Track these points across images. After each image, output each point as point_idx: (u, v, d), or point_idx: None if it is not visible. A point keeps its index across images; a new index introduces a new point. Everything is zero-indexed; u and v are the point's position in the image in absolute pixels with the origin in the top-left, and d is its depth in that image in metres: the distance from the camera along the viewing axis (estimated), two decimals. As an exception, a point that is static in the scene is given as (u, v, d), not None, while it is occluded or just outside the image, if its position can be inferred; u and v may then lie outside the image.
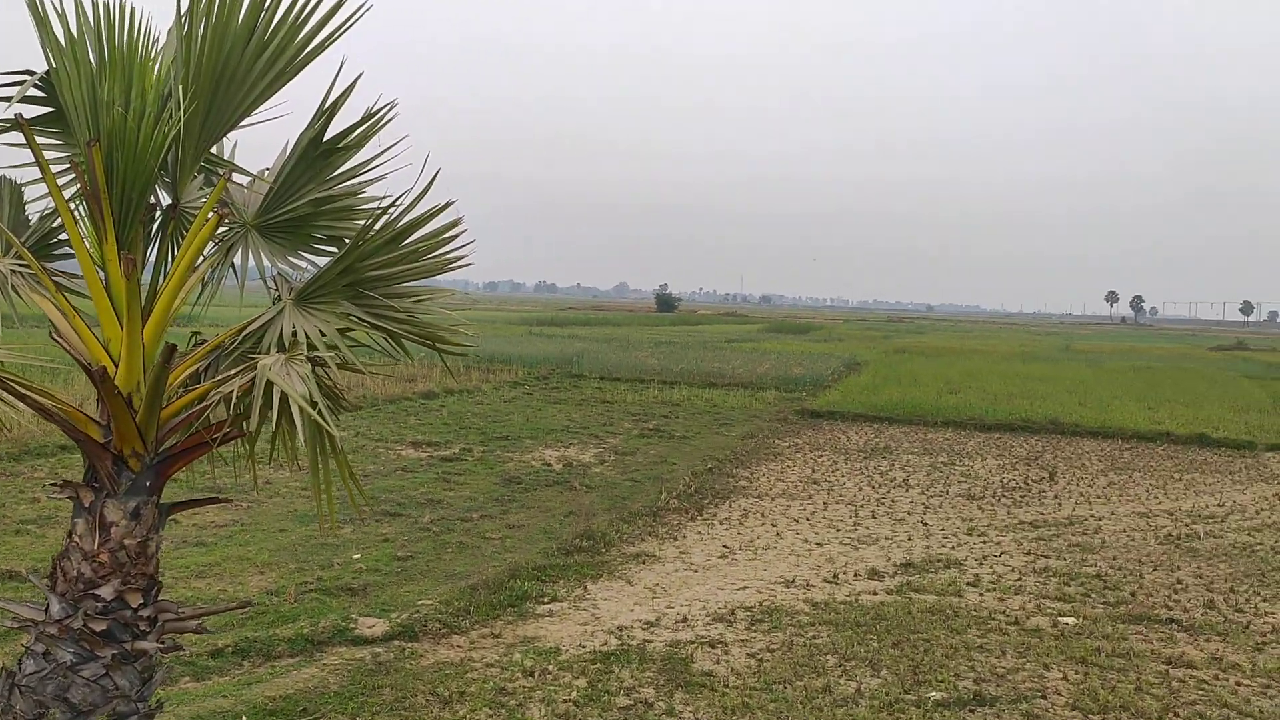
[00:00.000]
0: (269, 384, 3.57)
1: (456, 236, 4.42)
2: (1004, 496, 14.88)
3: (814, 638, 8.21)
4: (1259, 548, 12.12)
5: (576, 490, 13.93)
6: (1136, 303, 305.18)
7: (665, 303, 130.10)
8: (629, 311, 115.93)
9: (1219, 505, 14.84)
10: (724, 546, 11.24)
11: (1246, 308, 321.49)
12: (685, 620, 8.58)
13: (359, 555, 10.12)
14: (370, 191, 4.62)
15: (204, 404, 3.86)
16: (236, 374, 3.72)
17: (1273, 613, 9.41)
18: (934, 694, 7.08)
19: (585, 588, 9.45)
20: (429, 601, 8.71)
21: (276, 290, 4.31)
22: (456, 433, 18.64)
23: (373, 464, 15.10)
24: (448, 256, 4.38)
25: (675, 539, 11.54)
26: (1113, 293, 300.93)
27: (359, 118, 4.42)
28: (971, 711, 6.86)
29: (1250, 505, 14.92)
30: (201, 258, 4.17)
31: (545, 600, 9.00)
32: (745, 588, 9.69)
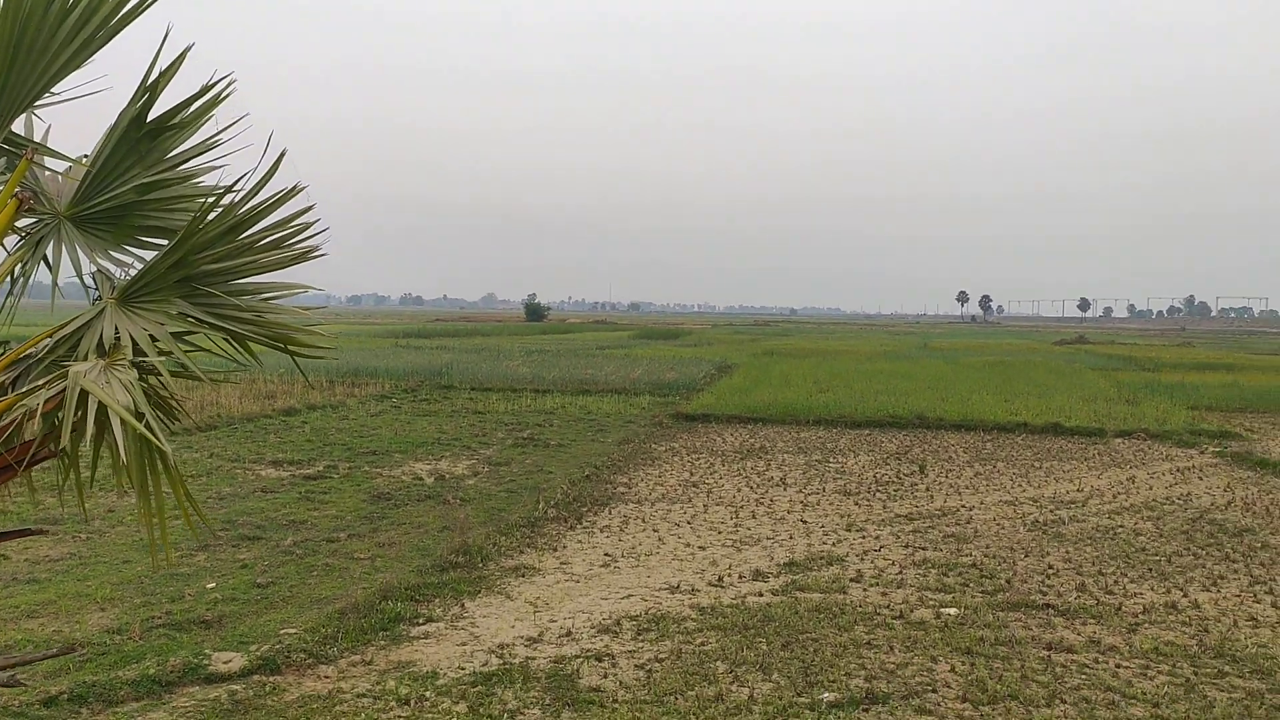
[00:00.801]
0: (83, 393, 3.07)
1: (308, 226, 3.99)
2: (878, 491, 15.04)
3: (702, 644, 7.97)
4: (1120, 530, 12.54)
5: (450, 504, 13.39)
6: (985, 302, 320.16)
7: (534, 312, 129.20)
8: (498, 321, 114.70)
9: (1079, 491, 15.36)
10: (605, 555, 10.93)
11: (1084, 304, 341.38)
12: (569, 634, 8.22)
13: (213, 584, 9.38)
14: (211, 179, 4.14)
15: (9, 420, 3.31)
16: (45, 384, 3.19)
17: (1140, 593, 9.67)
18: (827, 695, 6.92)
19: (463, 605, 8.98)
20: (292, 630, 8.09)
21: (96, 289, 3.78)
22: (321, 450, 17.77)
23: (229, 486, 14.19)
24: (299, 247, 3.93)
25: (555, 549, 11.17)
26: (963, 293, 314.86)
27: (195, 93, 3.94)
28: (865, 710, 6.73)
29: (1107, 490, 15.50)
30: (3, 252, 3.60)
31: (420, 621, 8.50)
32: (630, 596, 9.40)
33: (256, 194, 3.70)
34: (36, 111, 3.93)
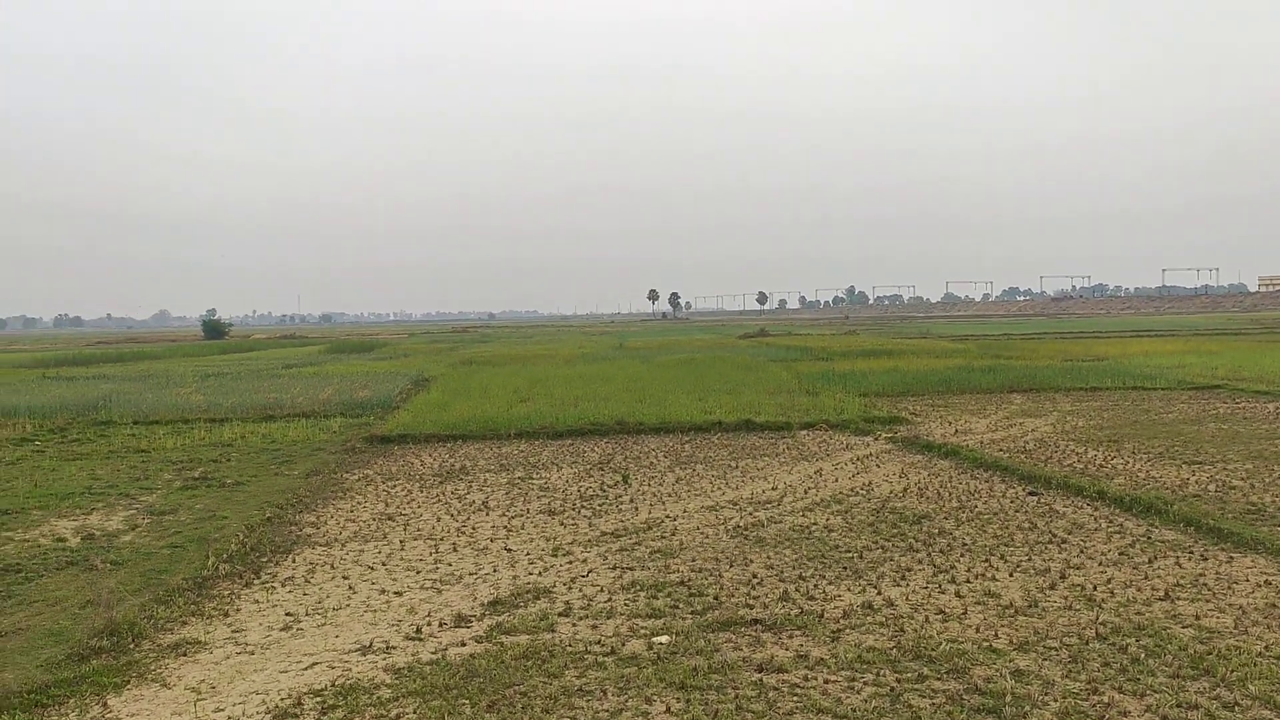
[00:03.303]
0: None
1: None
2: (583, 507, 14.67)
3: (398, 717, 7.07)
4: (814, 528, 12.89)
5: (98, 570, 11.48)
6: (674, 299, 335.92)
7: (214, 329, 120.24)
8: (171, 342, 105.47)
9: (773, 489, 15.80)
10: (287, 615, 9.70)
11: (762, 297, 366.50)
12: (239, 726, 7.05)
13: None
14: None
15: None
16: None
17: (839, 594, 9.84)
18: (538, 763, 6.28)
19: (105, 704, 7.51)
20: None
21: None
22: (-67, 514, 14.90)
23: None
24: None
25: (227, 614, 9.78)
26: (654, 291, 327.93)
27: None
28: (580, 775, 6.14)
29: (799, 485, 16.06)
30: None
31: (46, 735, 6.98)
32: (315, 664, 8.30)
33: None
34: None
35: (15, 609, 10.08)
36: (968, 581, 10.22)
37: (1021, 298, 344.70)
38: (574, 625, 9.10)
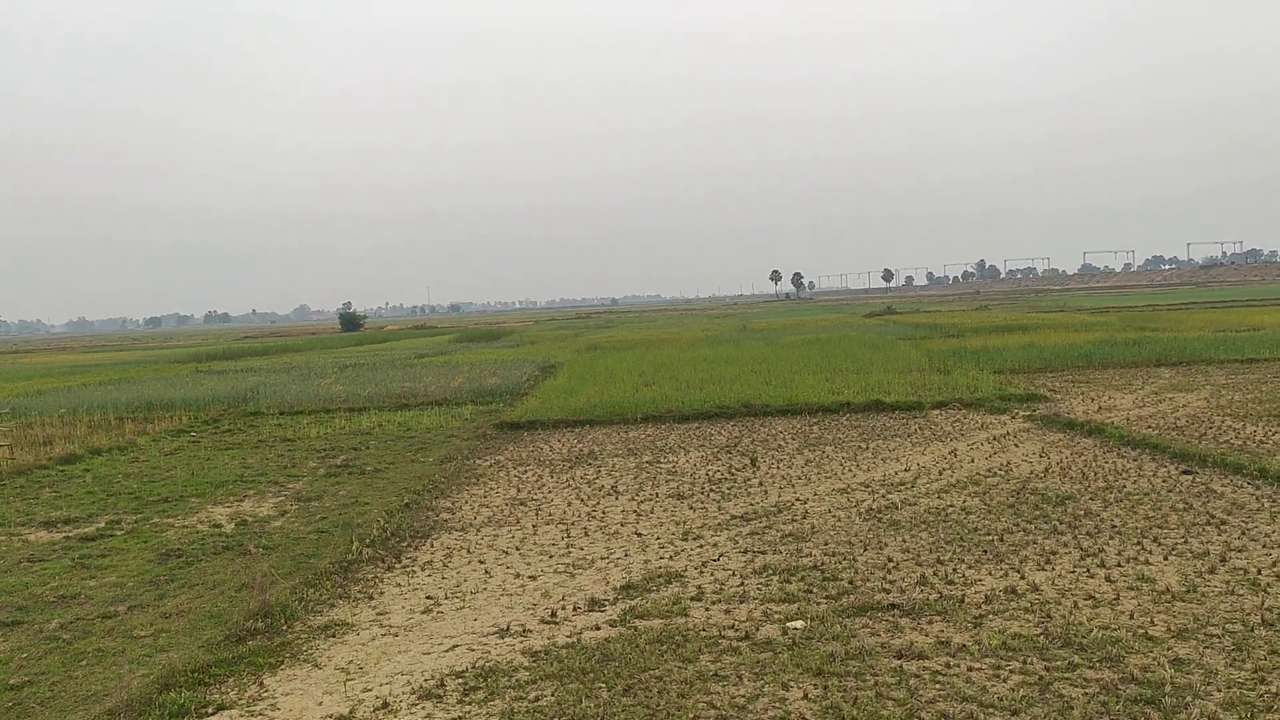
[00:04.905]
0: None
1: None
2: (712, 491, 14.63)
3: (537, 700, 7.19)
4: (950, 510, 12.53)
5: (252, 554, 12.08)
6: (797, 279, 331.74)
7: (350, 321, 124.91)
8: (311, 335, 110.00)
9: (906, 470, 15.43)
10: (427, 598, 9.97)
11: (887, 275, 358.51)
12: (386, 705, 7.28)
13: (-47, 694, 7.90)
14: None
15: None
16: None
17: (980, 579, 9.52)
18: (676, 747, 6.28)
19: (261, 683, 7.87)
20: (50, 744, 6.82)
21: None
22: (103, 502, 15.92)
23: (-14, 560, 12.37)
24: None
25: (371, 597, 10.12)
26: (776, 272, 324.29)
27: None
28: (718, 761, 6.11)
29: (932, 466, 15.64)
30: None
31: (210, 712, 7.35)
32: (455, 646, 8.51)
33: None
34: None
35: (179, 591, 10.67)
36: (1118, 565, 9.75)
37: (1166, 266, 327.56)
38: (707, 610, 9.08)
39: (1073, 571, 9.63)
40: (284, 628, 9.17)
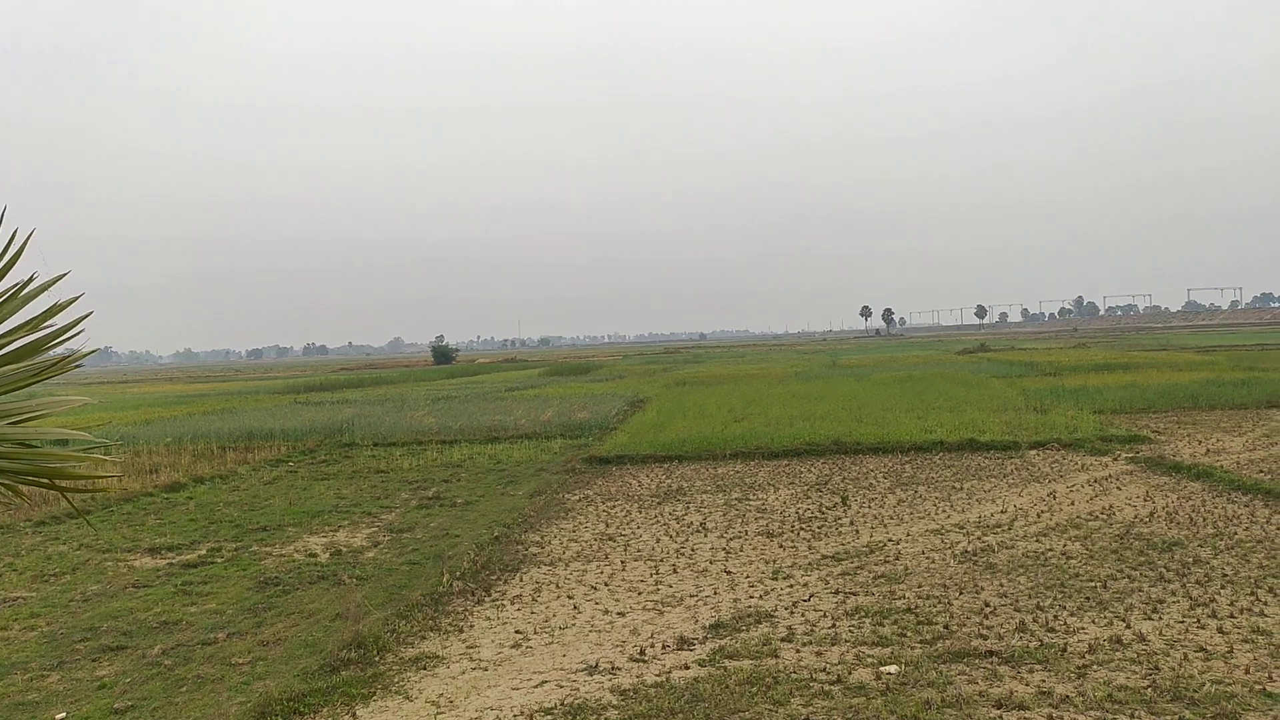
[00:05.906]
0: None
1: (72, 326, 3.11)
2: (802, 529, 14.42)
3: (625, 739, 7.13)
4: (1050, 554, 12.12)
5: (346, 584, 12.32)
6: (888, 315, 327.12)
7: (442, 354, 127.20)
8: (405, 367, 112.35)
9: (1002, 512, 14.99)
10: (516, 632, 10.02)
11: (980, 311, 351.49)
12: (475, 740, 7.31)
13: (63, 715, 8.19)
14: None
15: None
16: None
17: (1083, 627, 9.17)
18: (766, 794, 6.15)
19: (355, 714, 7.98)
20: (153, 767, 7.01)
21: None
22: (205, 530, 16.44)
23: (96, 583, 12.86)
24: (54, 354, 3.05)
25: (461, 630, 10.21)
26: (866, 308, 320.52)
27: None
28: (810, 809, 5.97)
29: (1030, 509, 15.17)
30: None
31: (305, 740, 7.48)
32: (544, 682, 8.51)
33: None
34: None
35: (276, 619, 10.92)
36: (1231, 616, 9.29)
37: (1276, 304, 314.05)
38: (797, 651, 8.92)
39: (1182, 621, 9.20)
40: (376, 659, 9.30)
